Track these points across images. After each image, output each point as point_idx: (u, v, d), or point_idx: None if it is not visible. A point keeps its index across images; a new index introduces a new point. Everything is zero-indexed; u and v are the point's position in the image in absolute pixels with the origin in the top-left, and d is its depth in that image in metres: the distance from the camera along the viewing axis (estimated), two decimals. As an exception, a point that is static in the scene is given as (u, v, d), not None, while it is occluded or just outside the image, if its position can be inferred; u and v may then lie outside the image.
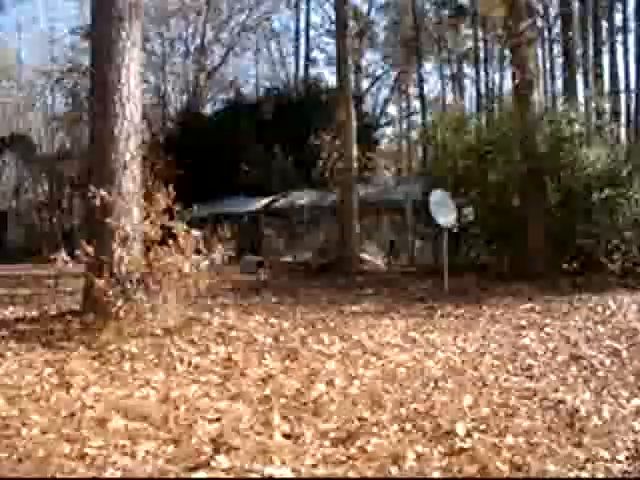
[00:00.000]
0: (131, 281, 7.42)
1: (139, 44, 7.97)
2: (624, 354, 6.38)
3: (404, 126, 40.46)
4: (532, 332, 7.54)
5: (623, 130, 17.97)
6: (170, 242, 7.66)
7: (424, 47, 34.60)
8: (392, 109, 42.62)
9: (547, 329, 7.64)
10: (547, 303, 9.32)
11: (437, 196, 10.62)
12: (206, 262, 8.00)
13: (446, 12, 34.51)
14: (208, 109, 30.25)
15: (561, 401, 5.03)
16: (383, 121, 37.19)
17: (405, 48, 36.04)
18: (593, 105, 11.15)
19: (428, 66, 38.63)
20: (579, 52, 19.24)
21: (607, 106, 11.32)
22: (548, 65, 29.40)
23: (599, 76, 18.11)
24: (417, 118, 36.31)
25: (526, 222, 11.42)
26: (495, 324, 8.09)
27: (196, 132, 26.28)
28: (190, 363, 6.33)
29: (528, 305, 9.21)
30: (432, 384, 5.57)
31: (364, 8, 36.76)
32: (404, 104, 40.97)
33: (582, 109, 11.64)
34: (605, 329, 7.53)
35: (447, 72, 37.24)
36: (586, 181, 10.61)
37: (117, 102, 7.67)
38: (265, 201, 23.85)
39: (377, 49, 42.48)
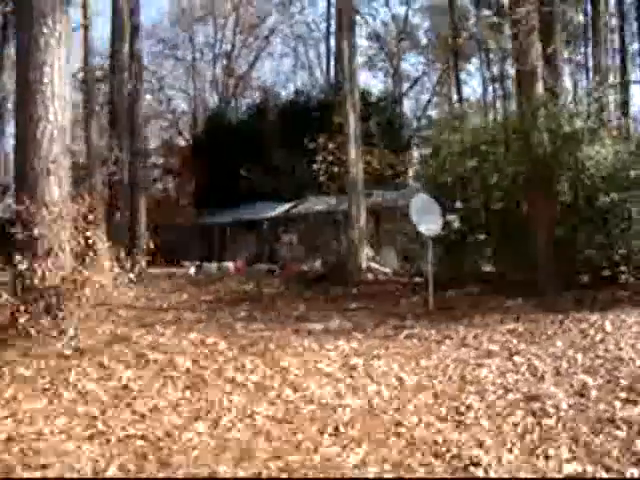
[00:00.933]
0: (50, 296, 6.81)
1: (65, 42, 7.33)
2: (592, 394, 5.18)
3: (445, 129, 38.84)
4: (497, 360, 6.40)
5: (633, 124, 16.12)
6: (90, 255, 7.02)
7: (466, 49, 33.14)
8: (434, 112, 41.32)
9: (517, 357, 6.47)
10: (535, 323, 8.07)
11: (419, 201, 9.50)
12: (131, 275, 7.31)
13: (487, 12, 32.87)
14: (237, 114, 29.81)
15: (475, 463, 3.98)
16: (423, 124, 35.86)
17: (445, 50, 34.62)
18: (595, 96, 9.74)
19: (472, 68, 37.20)
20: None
21: (612, 98, 9.90)
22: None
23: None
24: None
25: (532, 230, 10.16)
26: (460, 349, 6.97)
27: (221, 138, 25.87)
28: (80, 391, 5.62)
29: (511, 325, 8.00)
30: (332, 430, 4.62)
31: (402, 10, 35.54)
32: (446, 107, 39.40)
33: (585, 101, 10.21)
34: (585, 358, 6.28)
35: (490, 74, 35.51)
36: (591, 184, 9.24)
37: (39, 103, 7.05)
38: (285, 207, 23.14)
39: (419, 52, 41.35)
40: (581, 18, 16.27)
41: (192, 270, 20.92)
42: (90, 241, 7.01)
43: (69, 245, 7.02)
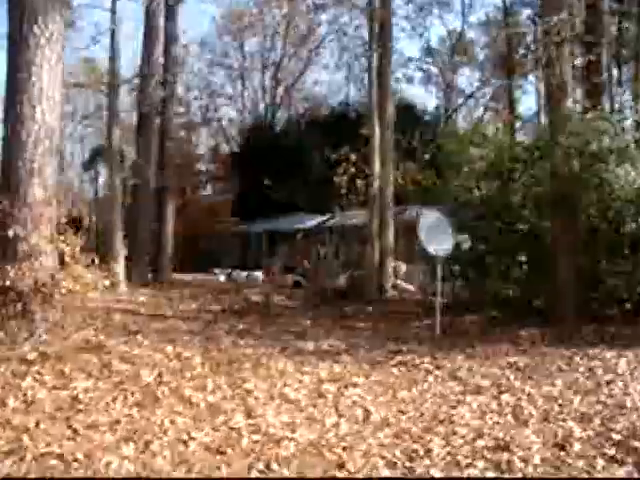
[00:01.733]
0: (24, 299, 6.65)
1: (59, 41, 7.21)
2: (575, 447, 4.49)
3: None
4: (482, 398, 5.75)
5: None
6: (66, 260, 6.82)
7: (523, 64, 32.03)
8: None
9: (505, 396, 5.80)
10: (541, 357, 7.33)
11: (429, 219, 8.89)
12: (107, 282, 7.09)
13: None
14: (280, 124, 29.71)
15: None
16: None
17: (500, 66, 33.59)
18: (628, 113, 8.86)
19: (529, 86, 35.96)
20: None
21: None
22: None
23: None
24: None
25: (554, 255, 9.39)
26: (447, 382, 6.34)
27: (262, 147, 25.81)
28: (27, 400, 5.38)
29: (515, 358, 7.29)
30: (263, 467, 4.15)
31: (457, 25, 34.74)
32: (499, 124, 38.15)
33: (616, 117, 9.31)
34: (582, 403, 5.57)
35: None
36: (617, 208, 8.39)
37: (25, 103, 6.93)
38: (319, 219, 22.78)
39: (474, 67, 40.38)
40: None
41: (222, 278, 20.87)
42: (67, 246, 6.81)
43: (49, 247, 6.86)
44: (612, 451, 4.43)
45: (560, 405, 5.49)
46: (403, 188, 13.75)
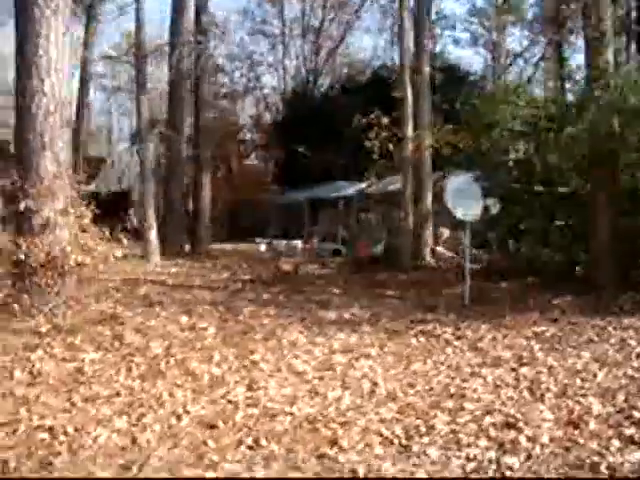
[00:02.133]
0: (38, 272, 6.68)
1: (64, 13, 7.05)
2: (590, 426, 4.12)
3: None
4: (500, 371, 5.41)
5: None
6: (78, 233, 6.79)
7: (573, 18, 30.16)
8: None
9: (525, 369, 5.44)
10: (572, 326, 6.91)
11: (457, 182, 8.41)
12: (119, 253, 7.03)
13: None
14: (319, 91, 29.08)
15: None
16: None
17: (550, 23, 31.71)
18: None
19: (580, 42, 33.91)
20: None
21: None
22: None
23: None
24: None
25: (593, 218, 8.80)
26: (466, 353, 6.03)
27: (302, 115, 25.40)
28: (33, 371, 5.40)
29: (543, 328, 6.88)
30: (252, 442, 3.99)
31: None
32: (550, 83, 36.31)
33: None
34: (607, 376, 5.16)
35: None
36: None
37: (34, 76, 6.86)
38: (360, 186, 22.33)
39: (524, 26, 38.36)
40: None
41: (262, 247, 20.84)
42: (77, 218, 6.78)
43: (63, 221, 6.85)
44: (631, 430, 4.06)
45: (583, 379, 5.11)
46: (441, 152, 13.17)
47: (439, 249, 15.09)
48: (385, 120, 11.87)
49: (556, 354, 5.88)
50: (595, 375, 5.20)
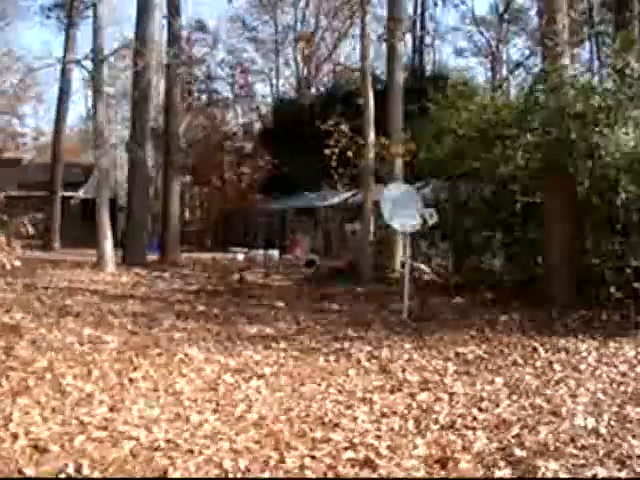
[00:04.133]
0: None
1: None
2: (459, 465, 3.61)
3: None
4: (393, 397, 4.85)
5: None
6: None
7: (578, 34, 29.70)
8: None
9: (423, 395, 4.83)
10: (502, 347, 6.34)
11: (394, 192, 7.89)
12: (17, 263, 6.59)
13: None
14: (307, 99, 28.65)
15: None
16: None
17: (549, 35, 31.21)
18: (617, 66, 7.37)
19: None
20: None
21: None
22: None
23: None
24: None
25: (548, 231, 8.25)
26: (369, 376, 5.46)
27: (287, 124, 25.04)
28: None
29: (469, 349, 6.29)
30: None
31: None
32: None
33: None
34: (509, 407, 4.58)
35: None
36: (607, 176, 7.07)
37: None
38: (345, 195, 21.86)
39: (526, 36, 37.90)
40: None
41: (240, 257, 20.39)
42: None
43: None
44: (503, 472, 3.52)
45: (481, 409, 4.55)
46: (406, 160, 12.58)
47: (414, 262, 14.52)
48: (344, 127, 11.38)
49: (467, 379, 5.32)
50: (498, 404, 4.64)
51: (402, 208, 7.75)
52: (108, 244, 13.29)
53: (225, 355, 6.09)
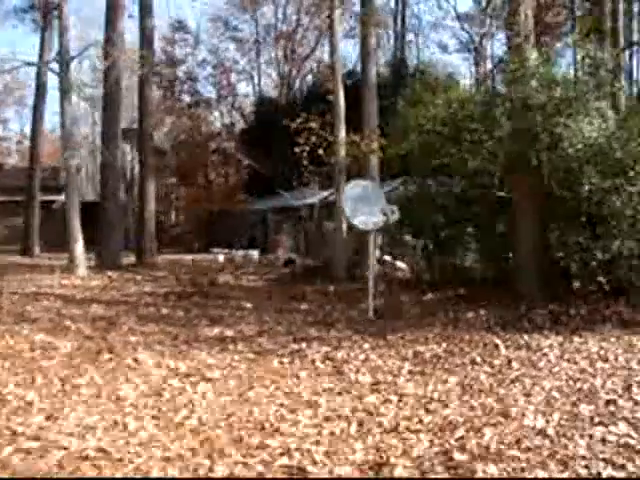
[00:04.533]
0: None
1: None
2: (395, 471, 3.46)
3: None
4: (340, 400, 4.71)
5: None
6: None
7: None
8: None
9: (372, 397, 4.67)
10: (463, 345, 6.19)
11: (356, 189, 7.74)
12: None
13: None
14: (287, 98, 28.38)
15: None
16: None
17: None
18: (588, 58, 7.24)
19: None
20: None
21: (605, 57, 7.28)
22: None
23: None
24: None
25: (517, 225, 8.13)
26: (321, 378, 5.31)
27: (267, 124, 24.81)
28: None
29: (429, 347, 6.16)
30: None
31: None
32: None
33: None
34: (459, 408, 4.39)
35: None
36: (570, 168, 6.94)
37: None
38: (324, 194, 21.68)
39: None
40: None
41: (221, 258, 20.20)
42: None
43: None
44: (440, 477, 3.38)
45: (429, 411, 4.40)
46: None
47: (388, 259, 14.39)
48: (313, 124, 11.18)
49: (421, 379, 5.17)
50: (447, 405, 4.49)
51: (364, 205, 7.59)
52: (78, 247, 13.05)
53: (178, 359, 5.91)
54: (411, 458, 3.62)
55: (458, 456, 3.59)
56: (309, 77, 29.37)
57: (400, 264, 14.37)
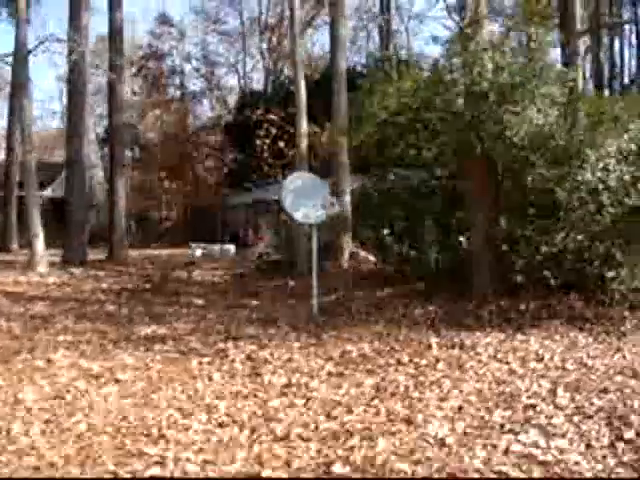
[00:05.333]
0: None
1: None
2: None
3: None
4: (242, 404, 4.45)
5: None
6: None
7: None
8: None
9: (276, 402, 4.42)
10: (396, 344, 5.94)
11: (296, 181, 7.46)
12: None
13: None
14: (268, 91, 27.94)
15: None
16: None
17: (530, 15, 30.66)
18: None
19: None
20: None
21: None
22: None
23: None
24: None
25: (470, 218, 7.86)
26: (237, 379, 5.05)
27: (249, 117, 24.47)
28: None
29: (361, 346, 5.89)
30: None
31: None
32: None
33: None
34: (363, 414, 4.18)
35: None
36: (514, 156, 6.63)
37: None
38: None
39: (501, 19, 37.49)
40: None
41: (198, 252, 19.95)
42: None
43: None
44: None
45: (330, 416, 4.12)
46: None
47: (362, 253, 14.11)
48: (273, 116, 10.90)
49: (336, 381, 4.89)
50: (351, 410, 4.22)
51: (306, 198, 7.32)
52: (39, 244, 12.78)
53: (96, 359, 5.65)
54: (289, 471, 3.36)
55: (338, 469, 3.33)
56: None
57: (368, 255, 14.10)
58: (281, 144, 10.80)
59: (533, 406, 4.21)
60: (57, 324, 7.29)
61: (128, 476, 3.34)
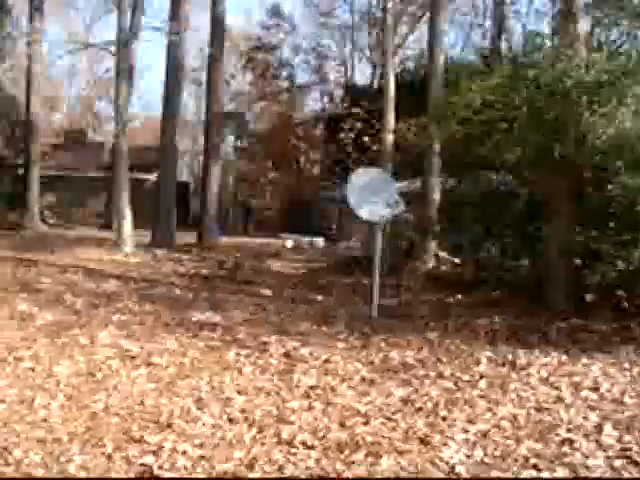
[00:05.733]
0: None
1: None
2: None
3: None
4: (255, 401, 4.33)
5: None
6: None
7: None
8: None
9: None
10: (445, 356, 5.55)
11: (362, 179, 7.15)
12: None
13: None
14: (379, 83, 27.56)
15: None
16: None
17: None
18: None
19: None
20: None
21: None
22: None
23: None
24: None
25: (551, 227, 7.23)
26: (263, 375, 4.95)
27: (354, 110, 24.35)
28: None
29: (406, 354, 5.58)
30: None
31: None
32: None
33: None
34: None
35: None
36: (595, 162, 5.88)
37: None
38: (402, 184, 20.92)
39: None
40: None
41: (288, 243, 20.14)
42: None
43: None
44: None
45: (343, 426, 3.91)
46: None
47: (444, 255, 13.60)
48: (358, 110, 10.69)
49: (365, 388, 4.62)
50: (367, 422, 3.96)
51: (372, 195, 7.06)
52: (126, 224, 13.43)
53: (138, 340, 5.77)
54: (278, 477, 3.20)
55: (328, 484, 3.13)
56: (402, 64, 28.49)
57: (455, 260, 13.53)
58: (365, 139, 10.63)
59: (571, 441, 3.74)
60: (119, 303, 7.54)
61: (118, 468, 3.32)
